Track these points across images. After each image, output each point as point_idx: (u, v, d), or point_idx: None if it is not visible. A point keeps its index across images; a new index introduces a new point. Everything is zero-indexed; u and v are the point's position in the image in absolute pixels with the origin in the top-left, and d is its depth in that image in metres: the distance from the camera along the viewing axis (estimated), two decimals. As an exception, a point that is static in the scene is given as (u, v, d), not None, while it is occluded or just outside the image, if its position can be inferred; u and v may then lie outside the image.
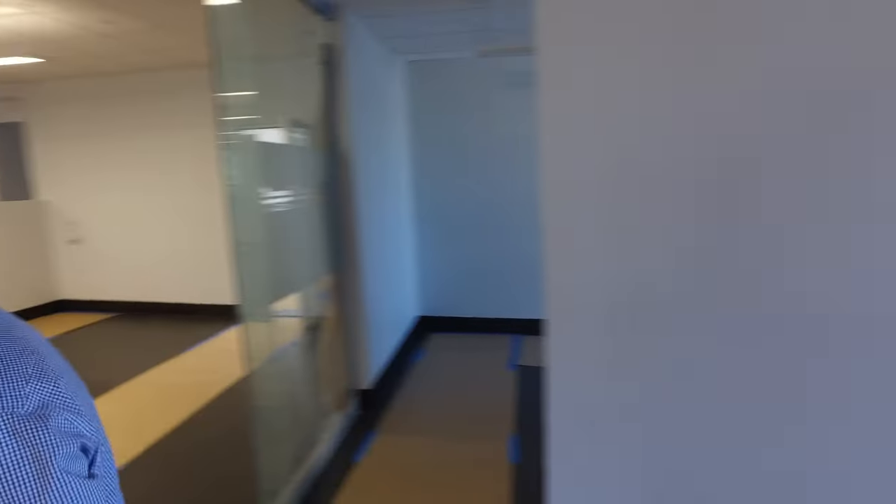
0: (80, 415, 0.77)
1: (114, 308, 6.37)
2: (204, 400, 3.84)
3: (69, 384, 0.79)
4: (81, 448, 0.75)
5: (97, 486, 0.75)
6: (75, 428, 0.75)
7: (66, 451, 0.72)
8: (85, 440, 0.76)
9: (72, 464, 0.72)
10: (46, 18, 3.92)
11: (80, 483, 0.72)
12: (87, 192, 6.28)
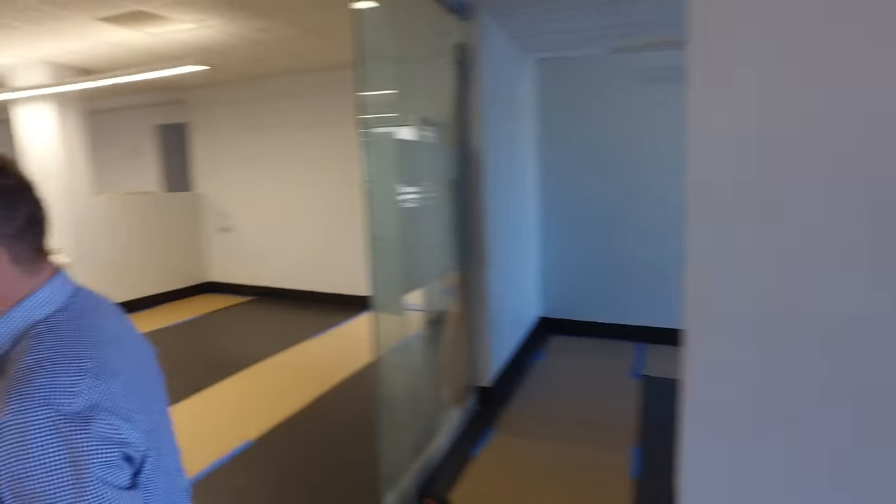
0: (130, 421, 0.74)
1: (253, 292, 6.96)
2: (331, 383, 4.07)
3: (128, 384, 0.76)
4: (124, 457, 0.73)
5: (135, 498, 0.73)
6: (120, 435, 0.72)
7: (106, 458, 0.70)
8: (130, 449, 0.73)
9: (109, 472, 0.70)
10: (214, 31, 4.36)
11: (116, 494, 0.70)
12: (237, 186, 6.93)
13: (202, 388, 4.04)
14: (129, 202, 6.49)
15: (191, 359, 4.90)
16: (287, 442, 3.26)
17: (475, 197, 3.35)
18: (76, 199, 5.75)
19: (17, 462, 0.65)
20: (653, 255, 4.54)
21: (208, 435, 3.37)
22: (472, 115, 3.26)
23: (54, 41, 4.60)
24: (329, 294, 6.44)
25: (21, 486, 0.65)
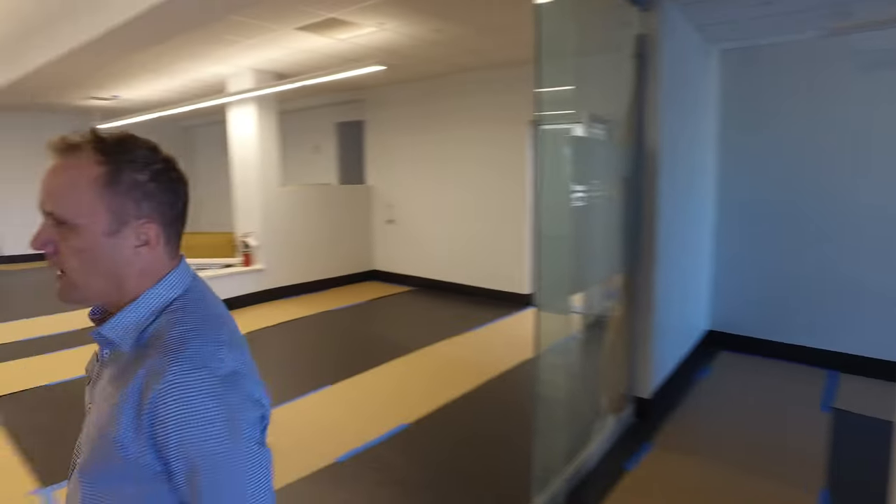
0: (261, 385, 0.83)
1: (413, 283, 7.30)
2: (486, 377, 4.13)
3: (250, 356, 0.85)
4: (260, 416, 0.82)
5: (267, 455, 0.82)
6: (257, 397, 0.81)
7: (251, 416, 0.79)
8: (264, 410, 0.82)
9: (252, 430, 0.79)
10: (393, 33, 4.62)
11: (258, 449, 0.79)
12: (404, 180, 7.31)
13: (364, 370, 4.32)
14: (309, 193, 7.16)
15: (355, 341, 5.27)
16: (441, 429, 3.36)
17: (647, 197, 3.18)
18: (267, 188, 6.48)
19: (182, 420, 0.72)
20: (862, 274, 3.93)
21: (367, 413, 3.60)
22: (649, 111, 3.09)
23: (260, 51, 5.20)
24: (488, 290, 6.54)
25: (186, 442, 0.73)
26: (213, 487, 0.75)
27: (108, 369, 0.82)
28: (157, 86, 7.02)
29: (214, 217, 11.39)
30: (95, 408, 0.82)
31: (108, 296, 0.81)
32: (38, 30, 4.99)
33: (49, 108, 8.99)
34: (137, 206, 0.79)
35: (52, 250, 0.78)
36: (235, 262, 6.42)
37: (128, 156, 0.79)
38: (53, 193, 0.77)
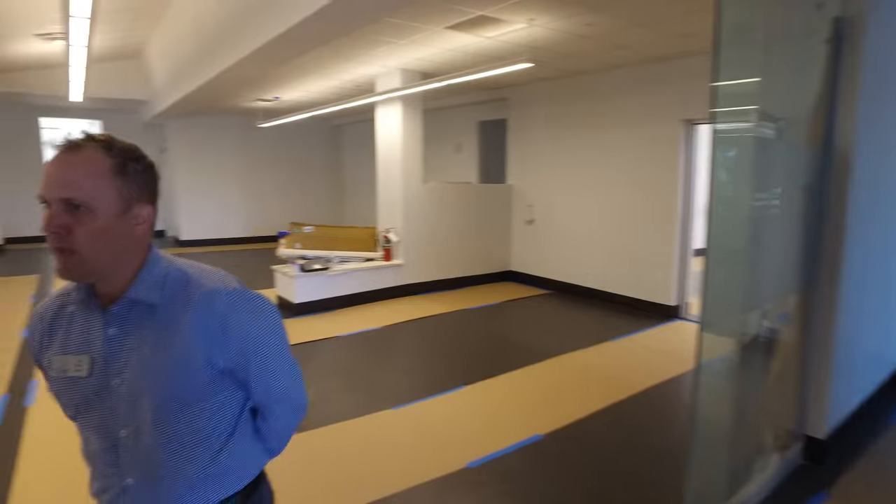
0: None
1: (550, 286, 7.10)
2: (627, 392, 3.85)
3: None
4: None
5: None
6: None
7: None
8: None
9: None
10: (542, 29, 4.48)
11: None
12: (545, 180, 7.12)
13: (497, 374, 4.24)
14: (450, 191, 7.23)
15: (489, 343, 5.22)
16: (577, 445, 3.18)
17: (835, 208, 2.73)
18: (409, 185, 6.64)
19: (261, 322, 1.03)
20: None
21: (499, 420, 3.51)
22: (844, 107, 2.64)
23: (409, 51, 5.32)
24: (630, 298, 6.16)
25: (253, 335, 1.01)
26: (273, 366, 1.04)
27: (134, 331, 0.96)
28: (313, 87, 7.50)
29: (358, 212, 12.03)
30: (141, 364, 0.95)
31: (108, 269, 0.94)
32: (218, 41, 5.52)
33: (222, 110, 10.02)
34: (140, 191, 0.94)
35: (66, 232, 0.87)
36: (376, 257, 6.67)
37: (126, 151, 0.93)
38: (72, 183, 0.87)
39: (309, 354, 4.77)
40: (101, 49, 7.89)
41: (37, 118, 11.01)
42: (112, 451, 0.98)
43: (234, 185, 11.48)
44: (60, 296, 1.04)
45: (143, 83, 9.55)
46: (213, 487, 1.02)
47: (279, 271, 6.19)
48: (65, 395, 0.99)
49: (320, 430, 3.35)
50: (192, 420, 0.98)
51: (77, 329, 0.98)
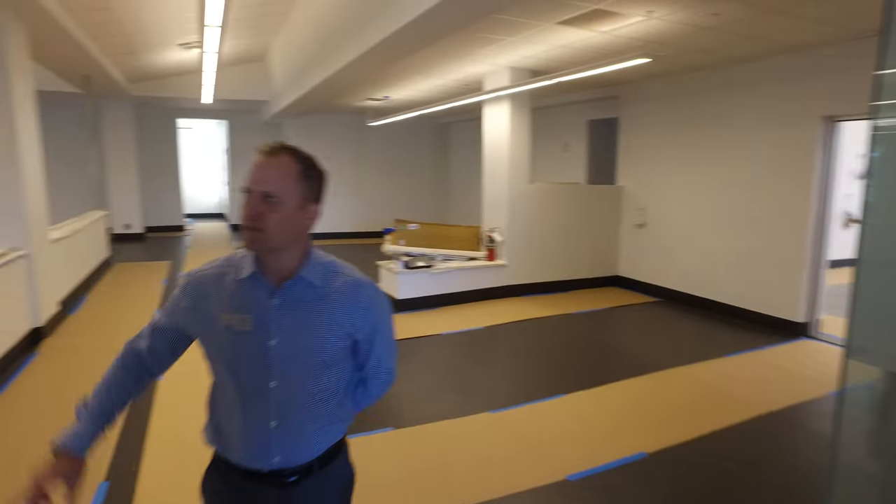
0: None
1: (659, 293, 6.70)
2: (745, 416, 3.53)
3: None
4: None
5: None
6: None
7: None
8: None
9: None
10: (661, 21, 4.20)
11: None
12: (659, 182, 6.74)
13: (601, 383, 4.05)
14: (556, 191, 7.05)
15: (593, 350, 5.01)
16: (687, 468, 2.95)
17: None
18: (514, 185, 6.54)
19: (378, 311, 1.28)
20: None
21: (601, 432, 3.34)
22: None
23: (518, 48, 5.22)
24: (750, 311, 5.66)
25: (379, 322, 1.29)
26: (387, 345, 1.34)
27: (296, 302, 1.19)
28: (421, 86, 7.61)
29: (463, 210, 12.10)
30: (296, 329, 1.18)
31: (281, 248, 1.18)
32: (332, 43, 5.74)
33: (334, 109, 10.46)
34: (314, 192, 1.20)
35: (260, 216, 1.12)
36: (479, 256, 6.64)
37: (310, 160, 1.19)
38: (270, 180, 1.13)
39: (409, 351, 4.83)
40: (230, 54, 8.51)
41: (174, 118, 12.12)
42: (262, 399, 1.19)
43: (344, 182, 11.96)
44: (218, 267, 1.25)
45: (264, 85, 10.19)
46: (329, 434, 1.28)
47: (383, 267, 6.34)
48: (228, 346, 1.20)
49: (417, 427, 3.36)
50: (326, 379, 1.23)
51: (242, 294, 1.19)
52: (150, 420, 3.37)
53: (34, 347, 4.62)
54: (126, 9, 5.77)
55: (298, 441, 1.22)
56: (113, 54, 7.43)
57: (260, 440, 1.20)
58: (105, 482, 2.72)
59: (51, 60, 6.76)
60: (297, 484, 1.24)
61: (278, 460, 1.21)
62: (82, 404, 1.27)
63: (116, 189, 11.00)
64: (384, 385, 1.40)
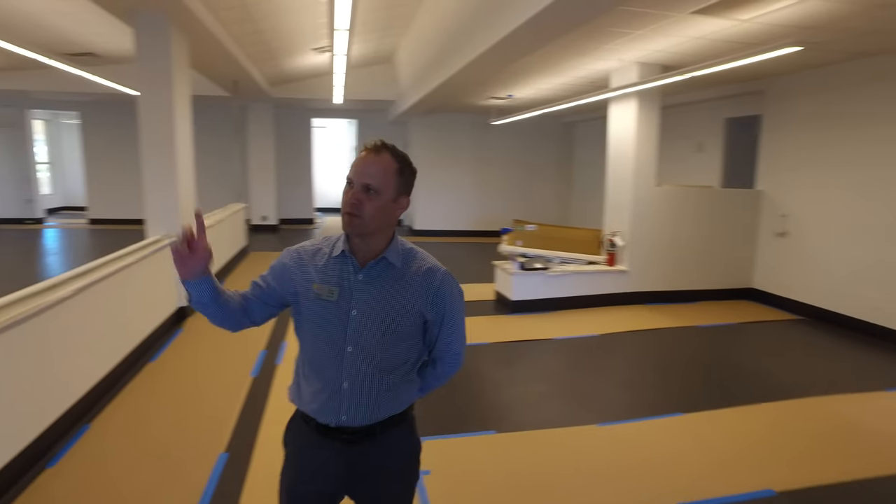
0: None
1: (802, 310, 6.01)
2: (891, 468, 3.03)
3: None
4: None
5: None
6: None
7: None
8: None
9: None
10: (820, 2, 3.72)
11: None
12: (805, 186, 6.04)
13: (724, 405, 3.70)
14: (686, 195, 6.57)
15: (718, 368, 4.60)
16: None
17: None
18: (640, 187, 6.19)
19: (451, 294, 1.40)
20: None
21: (721, 460, 3.03)
22: None
23: (647, 42, 4.91)
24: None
25: (451, 304, 1.40)
26: (455, 329, 1.44)
27: (376, 280, 1.35)
28: (545, 84, 7.44)
29: (584, 213, 11.72)
30: (374, 303, 1.34)
31: (373, 233, 1.33)
32: (456, 42, 5.78)
33: (458, 108, 10.57)
34: (405, 187, 1.34)
35: (359, 204, 1.28)
36: (599, 261, 6.37)
37: (407, 159, 1.35)
38: (371, 174, 1.29)
39: (519, 354, 4.75)
40: (359, 57, 8.91)
41: (309, 118, 12.97)
42: (338, 361, 1.35)
43: (465, 180, 12.08)
44: (315, 246, 1.43)
45: (391, 85, 10.55)
46: (393, 402, 1.40)
47: (499, 267, 6.30)
48: (316, 313, 1.36)
49: (520, 433, 3.28)
50: (396, 350, 1.37)
51: (332, 269, 1.37)
52: (268, 399, 3.61)
53: (180, 324, 5.14)
54: (268, 19, 6.23)
55: (364, 403, 1.36)
56: (257, 60, 8.08)
57: (332, 398, 1.35)
58: (225, 453, 2.95)
59: (206, 67, 7.49)
60: (361, 443, 1.38)
61: (345, 418, 1.35)
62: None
63: (255, 183, 12.01)
64: (451, 367, 1.51)
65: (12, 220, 12.12)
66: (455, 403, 3.69)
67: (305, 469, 1.42)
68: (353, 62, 7.26)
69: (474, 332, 5.26)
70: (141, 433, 3.15)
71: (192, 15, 4.81)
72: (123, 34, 7.04)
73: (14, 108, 11.74)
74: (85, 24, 6.72)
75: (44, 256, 9.20)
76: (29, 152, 12.29)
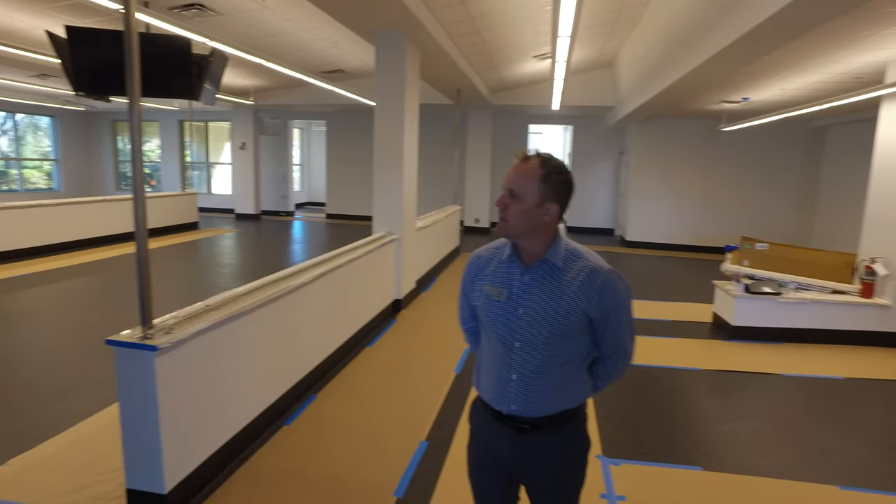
0: None
1: None
2: None
3: None
4: None
5: None
6: None
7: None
8: None
9: None
10: None
11: None
12: None
13: None
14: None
15: None
16: None
17: None
18: (914, 205, 5.07)
19: (615, 292, 1.42)
20: None
21: None
22: None
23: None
24: None
25: (615, 303, 1.42)
26: (621, 329, 1.45)
27: (540, 280, 1.42)
28: (791, 84, 6.52)
29: (832, 233, 10.02)
30: (538, 302, 1.41)
31: (523, 236, 1.42)
32: (684, 44, 5.35)
33: (682, 113, 9.80)
34: (552, 194, 1.38)
35: (505, 207, 1.40)
36: (849, 290, 5.38)
37: (556, 168, 1.38)
38: (517, 180, 1.38)
39: (737, 386, 4.23)
40: (579, 62, 8.78)
41: (526, 124, 13.18)
42: (507, 356, 1.45)
43: (685, 190, 11.15)
44: (491, 249, 1.55)
45: (610, 91, 10.20)
46: (561, 398, 1.46)
47: (720, 287, 5.68)
48: (489, 311, 1.48)
49: (731, 476, 2.90)
50: (562, 346, 1.42)
51: (503, 271, 1.48)
52: (468, 396, 3.73)
53: (394, 315, 5.60)
54: (492, 30, 6.46)
55: (531, 396, 1.44)
56: (479, 70, 8.45)
57: (502, 388, 1.47)
58: (425, 441, 3.11)
59: (433, 78, 8.06)
60: (530, 433, 1.47)
61: (515, 408, 1.46)
62: None
63: (470, 187, 12.59)
64: (619, 365, 1.52)
65: (271, 213, 14.55)
66: (657, 428, 3.41)
67: (483, 446, 1.57)
68: (572, 67, 7.17)
69: (685, 355, 4.82)
70: (355, 409, 3.50)
71: (425, 30, 5.21)
72: (367, 52, 7.91)
73: (280, 119, 14.04)
74: (338, 45, 7.71)
75: (291, 244, 10.78)
76: (287, 156, 14.61)
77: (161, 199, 10.94)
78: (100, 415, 3.29)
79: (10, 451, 2.86)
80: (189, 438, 2.50)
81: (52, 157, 14.99)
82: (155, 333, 2.28)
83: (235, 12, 6.03)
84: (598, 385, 1.55)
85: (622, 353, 1.50)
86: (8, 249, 7.81)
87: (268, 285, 3.25)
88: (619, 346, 1.48)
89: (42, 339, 4.69)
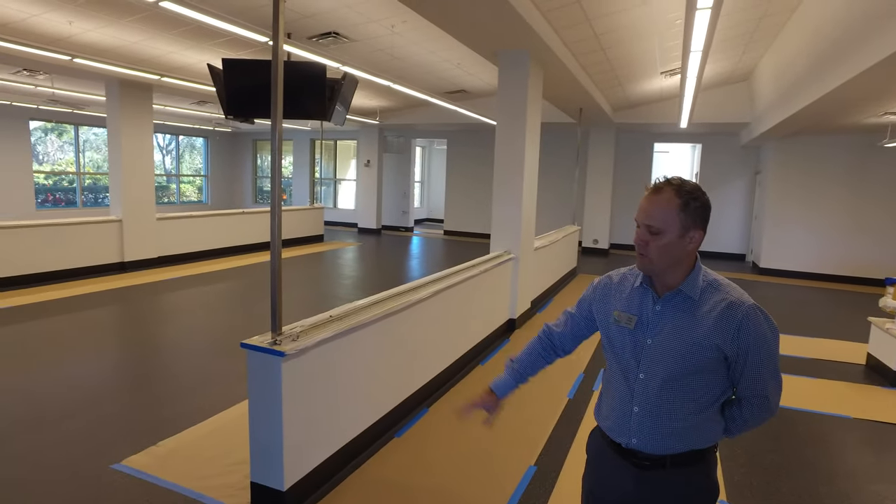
0: None
1: None
2: None
3: None
4: None
5: None
6: None
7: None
8: None
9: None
10: None
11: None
12: None
13: None
14: None
15: None
16: None
17: None
18: None
19: (757, 330, 1.30)
20: None
21: None
22: None
23: None
24: None
25: (755, 341, 1.30)
26: (762, 370, 1.33)
27: (673, 311, 1.35)
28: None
29: None
30: (668, 333, 1.33)
31: (666, 270, 1.34)
32: (837, 52, 4.85)
33: (831, 128, 8.87)
34: (694, 221, 1.30)
35: (645, 244, 1.33)
36: None
37: (692, 194, 1.30)
38: (653, 214, 1.31)
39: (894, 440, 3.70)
40: (711, 76, 8.28)
41: (651, 143, 12.63)
42: (630, 386, 1.39)
43: (832, 213, 10.02)
44: (622, 275, 1.50)
45: (745, 106, 9.50)
46: (687, 437, 1.35)
47: (878, 325, 5.03)
48: (615, 338, 1.43)
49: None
50: (691, 382, 1.33)
51: (634, 299, 1.42)
52: (581, 422, 3.60)
53: (508, 334, 5.56)
54: (617, 47, 6.29)
55: (653, 431, 1.35)
56: (603, 88, 8.25)
57: (623, 419, 1.40)
58: (533, 466, 3.04)
59: (555, 97, 7.99)
60: (650, 471, 1.38)
61: (635, 442, 1.38)
62: (510, 360, 1.68)
63: (590, 207, 12.24)
64: (758, 411, 1.38)
65: (391, 228, 15.14)
66: (793, 477, 3.07)
67: (599, 479, 1.50)
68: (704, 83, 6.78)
69: (831, 399, 4.32)
70: (465, 429, 3.49)
71: (549, 50, 5.18)
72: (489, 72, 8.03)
73: (403, 137, 14.64)
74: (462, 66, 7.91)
75: (409, 259, 11.12)
76: (409, 173, 15.16)
77: (292, 212, 11.80)
78: (230, 410, 3.58)
79: (160, 434, 3.21)
80: (307, 442, 2.63)
81: (203, 173, 16.85)
82: (283, 340, 2.44)
83: (366, 39, 6.40)
84: (731, 428, 1.42)
85: (762, 399, 1.36)
86: (167, 255, 8.85)
87: (387, 299, 3.36)
88: (759, 391, 1.35)
89: (189, 336, 5.22)
